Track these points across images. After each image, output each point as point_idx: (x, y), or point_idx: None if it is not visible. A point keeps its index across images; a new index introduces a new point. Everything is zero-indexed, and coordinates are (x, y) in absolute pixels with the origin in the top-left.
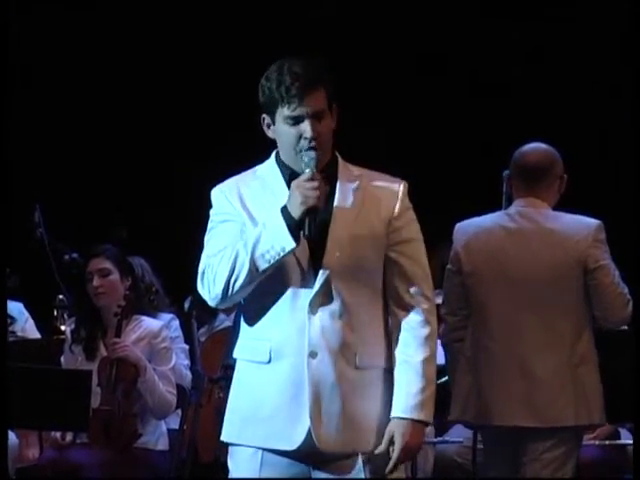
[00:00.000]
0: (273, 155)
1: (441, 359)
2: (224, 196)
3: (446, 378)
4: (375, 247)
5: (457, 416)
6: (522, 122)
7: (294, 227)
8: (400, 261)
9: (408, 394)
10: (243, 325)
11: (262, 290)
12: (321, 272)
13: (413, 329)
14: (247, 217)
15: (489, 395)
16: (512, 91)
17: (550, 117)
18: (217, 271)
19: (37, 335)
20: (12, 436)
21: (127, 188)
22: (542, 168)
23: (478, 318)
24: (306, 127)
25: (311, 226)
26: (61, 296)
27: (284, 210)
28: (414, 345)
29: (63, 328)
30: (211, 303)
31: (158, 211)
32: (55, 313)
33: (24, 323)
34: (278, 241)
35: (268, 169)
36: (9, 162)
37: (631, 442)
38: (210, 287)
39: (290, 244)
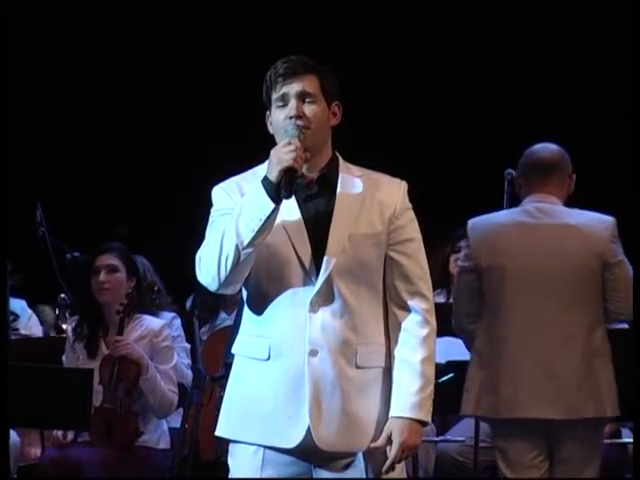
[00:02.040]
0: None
1: (440, 358)
2: (225, 192)
3: (447, 377)
4: (376, 246)
5: (470, 411)
6: (520, 123)
7: (272, 190)
8: (400, 260)
9: (406, 393)
10: (244, 322)
11: (263, 287)
12: (322, 271)
13: (412, 329)
14: None
15: (509, 388)
16: (512, 90)
17: (548, 117)
18: (210, 253)
19: (40, 331)
20: (13, 435)
21: (129, 186)
22: (554, 164)
23: (496, 313)
24: (291, 106)
25: (289, 187)
26: (62, 295)
27: (264, 179)
28: (413, 345)
29: (64, 327)
30: (210, 288)
31: (160, 210)
32: (57, 312)
33: (27, 320)
34: (259, 206)
35: None
36: (10, 160)
37: (632, 441)
38: (205, 270)
39: (269, 205)
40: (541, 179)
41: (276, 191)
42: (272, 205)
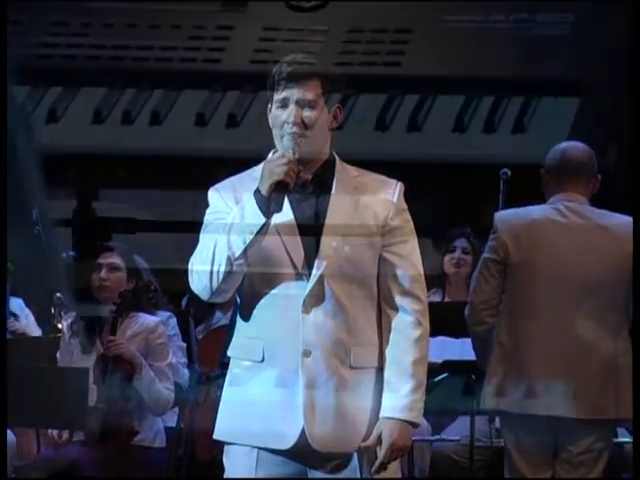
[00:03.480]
0: (270, 155)
1: (436, 358)
2: (220, 195)
3: (441, 376)
4: (370, 247)
5: (492, 405)
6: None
7: (263, 203)
8: (394, 261)
9: (397, 395)
10: (237, 324)
11: (256, 289)
12: (314, 271)
13: (405, 330)
14: None
15: (533, 384)
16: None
17: None
18: (202, 263)
19: (38, 330)
20: (9, 434)
21: (127, 186)
22: (584, 163)
23: (522, 308)
24: (289, 111)
25: (280, 201)
26: (58, 294)
27: (256, 191)
28: (405, 346)
29: (60, 326)
30: (203, 297)
31: (157, 209)
32: (52, 311)
33: (25, 319)
34: (250, 219)
35: None
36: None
37: (629, 440)
38: (197, 279)
39: (260, 219)
40: (571, 178)
41: (267, 205)
42: (263, 219)
